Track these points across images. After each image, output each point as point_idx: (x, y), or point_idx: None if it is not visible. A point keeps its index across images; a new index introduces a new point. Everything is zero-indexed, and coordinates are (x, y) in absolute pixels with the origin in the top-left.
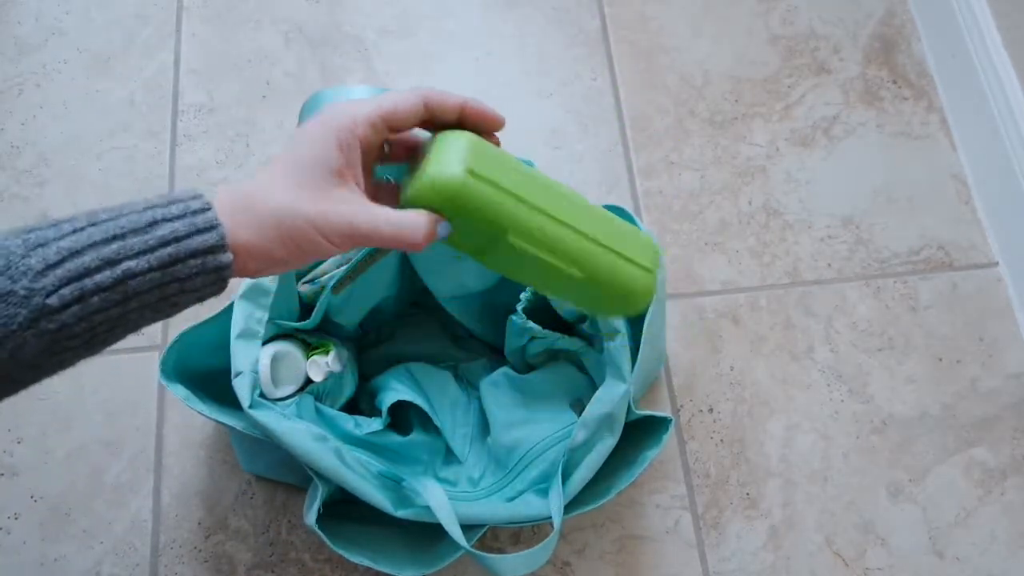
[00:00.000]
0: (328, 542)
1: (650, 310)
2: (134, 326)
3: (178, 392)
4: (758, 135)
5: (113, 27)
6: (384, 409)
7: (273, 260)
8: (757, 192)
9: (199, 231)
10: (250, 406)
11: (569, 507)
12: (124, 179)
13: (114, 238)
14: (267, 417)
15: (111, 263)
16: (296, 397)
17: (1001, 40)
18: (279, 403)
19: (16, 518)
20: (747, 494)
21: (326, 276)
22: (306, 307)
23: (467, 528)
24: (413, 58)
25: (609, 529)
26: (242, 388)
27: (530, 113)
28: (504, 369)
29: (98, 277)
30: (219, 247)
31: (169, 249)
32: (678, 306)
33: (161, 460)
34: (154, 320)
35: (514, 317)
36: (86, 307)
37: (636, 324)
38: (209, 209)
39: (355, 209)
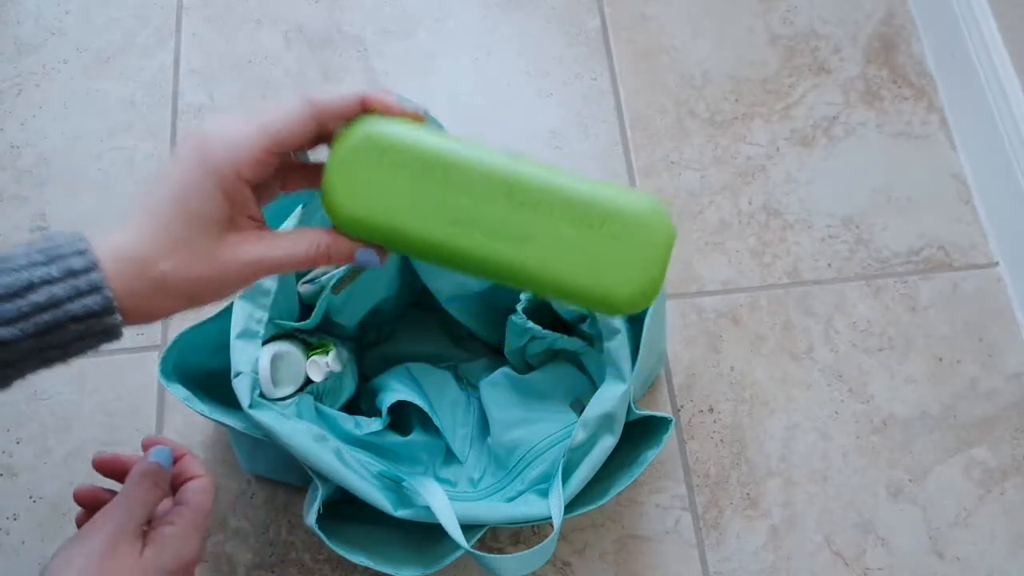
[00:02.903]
0: (328, 542)
1: (650, 310)
2: (16, 380)
3: (178, 392)
4: (758, 135)
5: (113, 27)
6: (384, 409)
7: (167, 314)
8: (757, 192)
9: (81, 294)
10: (250, 406)
11: (569, 507)
12: (124, 179)
13: None
14: (267, 417)
15: None
16: (296, 397)
17: (1001, 40)
18: (279, 403)
19: (15, 518)
20: (747, 494)
21: (326, 276)
22: (306, 307)
23: (467, 528)
24: (413, 58)
25: (609, 529)
26: (242, 388)
27: (530, 113)
28: (504, 369)
29: None
30: (105, 311)
31: (46, 316)
32: (678, 306)
33: None
34: (39, 371)
35: (514, 317)
36: None
37: (636, 324)
38: (93, 269)
39: (255, 251)
